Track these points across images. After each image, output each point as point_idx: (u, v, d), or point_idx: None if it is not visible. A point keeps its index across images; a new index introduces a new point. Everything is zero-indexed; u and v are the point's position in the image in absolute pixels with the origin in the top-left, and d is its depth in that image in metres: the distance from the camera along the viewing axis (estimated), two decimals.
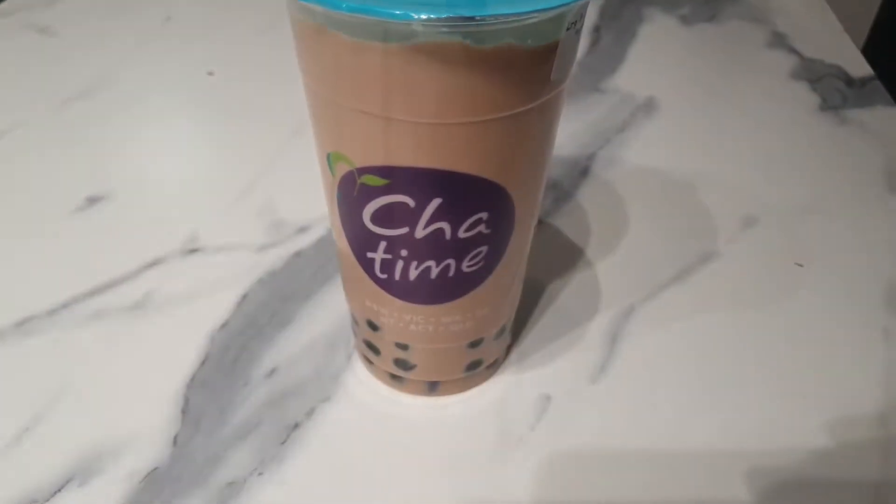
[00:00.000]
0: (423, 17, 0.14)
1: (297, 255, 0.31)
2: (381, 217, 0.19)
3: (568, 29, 0.17)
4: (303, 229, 0.32)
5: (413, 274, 0.21)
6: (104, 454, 0.23)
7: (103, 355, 0.27)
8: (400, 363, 0.24)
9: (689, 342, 0.28)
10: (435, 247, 0.20)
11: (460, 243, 0.20)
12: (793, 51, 0.48)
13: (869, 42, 0.54)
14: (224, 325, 0.28)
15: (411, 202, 0.19)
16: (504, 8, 0.15)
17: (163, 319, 0.28)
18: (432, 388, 0.25)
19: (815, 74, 0.45)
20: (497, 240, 0.20)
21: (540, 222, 0.33)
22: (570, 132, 0.39)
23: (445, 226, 0.19)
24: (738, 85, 0.44)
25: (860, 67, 0.46)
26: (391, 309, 0.22)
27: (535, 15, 0.15)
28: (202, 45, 0.47)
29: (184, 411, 0.25)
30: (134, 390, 0.25)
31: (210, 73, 0.44)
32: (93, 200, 0.34)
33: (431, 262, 0.20)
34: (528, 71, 0.17)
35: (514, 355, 0.27)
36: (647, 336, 0.28)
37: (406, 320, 0.22)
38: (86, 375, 0.26)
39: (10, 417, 0.24)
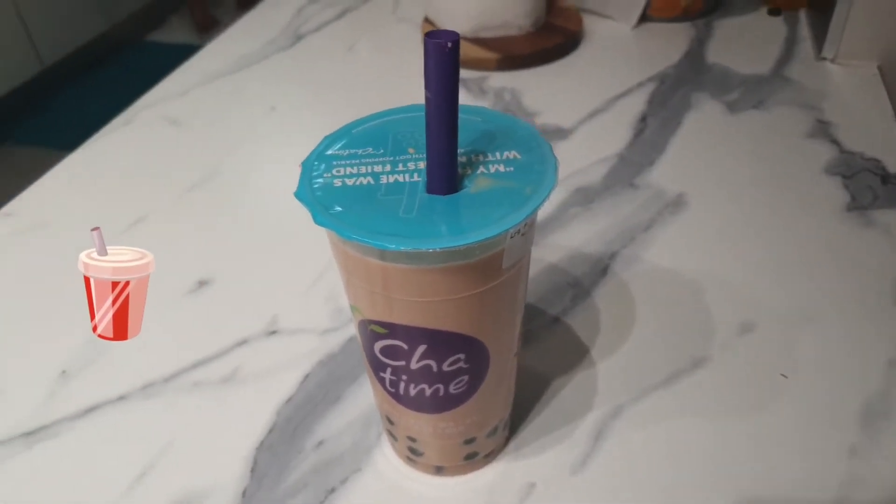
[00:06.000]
0: (392, 247, 0.21)
1: (352, 340, 0.38)
2: (386, 352, 0.26)
3: (512, 237, 0.23)
4: None
5: (412, 392, 0.27)
6: (192, 500, 0.31)
7: (199, 418, 0.35)
8: (412, 450, 0.31)
9: (665, 445, 0.32)
10: (426, 375, 0.26)
11: (445, 374, 0.26)
12: (833, 141, 0.50)
13: None
14: (289, 400, 0.35)
15: (405, 346, 0.25)
16: (448, 241, 0.21)
17: (244, 392, 0.36)
18: (439, 470, 0.31)
19: (850, 169, 0.47)
20: (476, 372, 0.27)
21: (557, 320, 0.39)
22: (599, 228, 0.44)
23: (432, 362, 0.26)
24: (769, 180, 0.47)
25: None
26: (400, 412, 0.29)
27: (475, 244, 0.21)
28: (299, 135, 0.56)
29: (252, 470, 0.33)
30: (218, 449, 0.34)
31: None
32: (202, 283, 0.43)
33: (424, 385, 0.27)
34: (481, 268, 0.23)
35: (512, 445, 0.33)
36: (629, 436, 0.33)
37: (412, 421, 0.29)
38: (186, 434, 0.34)
39: (129, 465, 0.33)
